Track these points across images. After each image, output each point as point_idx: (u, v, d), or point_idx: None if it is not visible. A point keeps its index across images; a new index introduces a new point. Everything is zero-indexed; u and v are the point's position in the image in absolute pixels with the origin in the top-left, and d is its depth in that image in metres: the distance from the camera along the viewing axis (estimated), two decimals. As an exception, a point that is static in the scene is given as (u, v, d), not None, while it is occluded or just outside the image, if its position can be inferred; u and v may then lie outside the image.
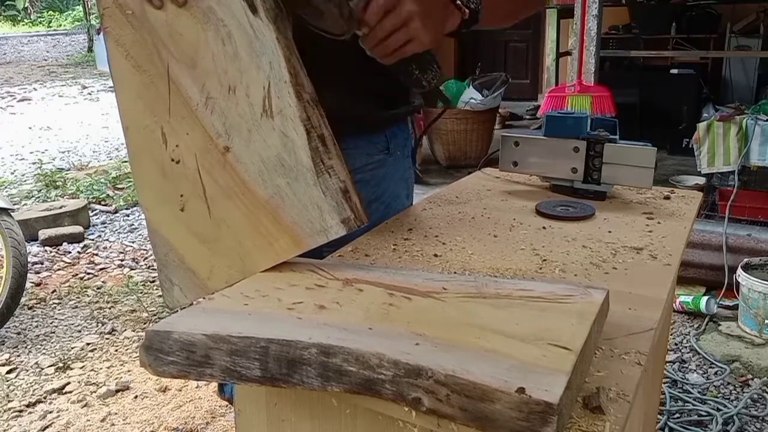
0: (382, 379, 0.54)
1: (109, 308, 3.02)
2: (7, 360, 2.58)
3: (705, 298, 2.70)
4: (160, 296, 3.11)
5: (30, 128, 7.43)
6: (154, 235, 0.88)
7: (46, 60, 14.10)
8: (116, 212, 4.44)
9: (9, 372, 2.49)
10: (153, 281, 3.30)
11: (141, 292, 3.16)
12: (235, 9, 0.79)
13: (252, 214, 0.80)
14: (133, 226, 4.16)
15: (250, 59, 0.80)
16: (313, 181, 0.79)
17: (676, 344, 2.54)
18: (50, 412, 2.24)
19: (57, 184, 5.00)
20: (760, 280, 2.47)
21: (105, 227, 4.18)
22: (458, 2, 0.92)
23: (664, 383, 2.21)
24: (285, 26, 0.81)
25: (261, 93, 0.80)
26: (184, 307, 0.72)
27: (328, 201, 0.79)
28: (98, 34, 10.76)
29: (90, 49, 14.02)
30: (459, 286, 0.70)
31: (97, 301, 3.10)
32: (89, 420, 2.19)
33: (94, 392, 2.34)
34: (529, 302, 0.65)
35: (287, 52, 0.80)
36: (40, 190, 4.90)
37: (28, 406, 2.28)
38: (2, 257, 2.71)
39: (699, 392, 2.22)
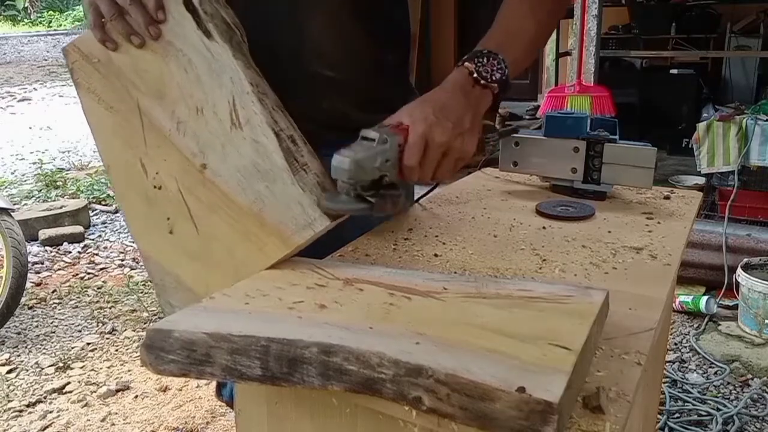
0: (382, 378, 0.54)
1: (110, 308, 3.02)
2: (7, 360, 2.58)
3: (705, 298, 2.70)
4: (160, 296, 3.11)
5: (30, 128, 7.43)
6: (148, 263, 0.92)
7: (46, 60, 14.09)
8: (116, 212, 4.43)
9: (9, 372, 2.49)
10: (153, 281, 3.30)
11: (141, 292, 3.16)
12: (192, 39, 0.85)
13: (238, 222, 0.82)
14: (133, 226, 4.16)
15: (211, 80, 0.84)
16: (291, 179, 0.80)
17: (676, 344, 2.54)
18: (50, 412, 2.24)
19: (57, 184, 5.00)
20: (760, 280, 2.47)
21: (105, 227, 4.18)
22: (482, 82, 0.87)
23: (664, 383, 2.21)
24: (240, 44, 0.86)
25: (227, 108, 0.83)
26: None
27: (308, 196, 0.80)
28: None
29: (90, 49, 13.95)
30: (459, 286, 0.70)
31: (97, 301, 3.10)
32: (89, 420, 2.19)
33: (95, 392, 2.34)
34: (529, 302, 0.65)
35: (245, 66, 0.84)
36: (41, 190, 4.90)
37: (28, 406, 2.28)
38: (2, 257, 2.71)
39: (699, 392, 2.22)
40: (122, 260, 3.62)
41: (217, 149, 0.83)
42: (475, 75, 0.87)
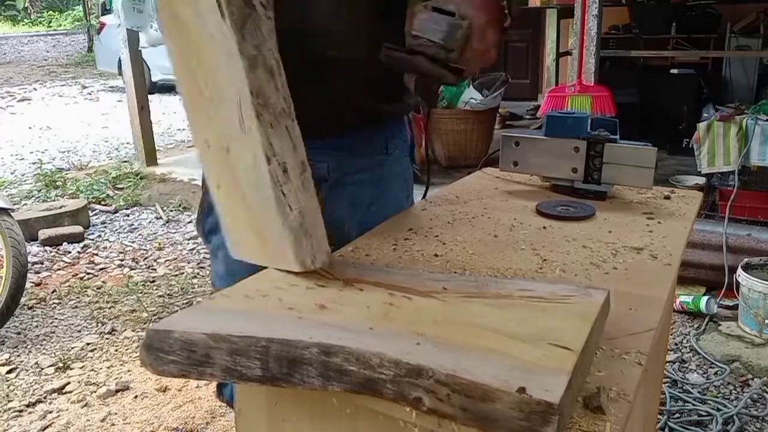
0: (382, 379, 0.54)
1: (109, 308, 3.02)
2: (7, 360, 2.57)
3: (705, 298, 2.70)
4: (160, 296, 3.12)
5: (30, 128, 7.44)
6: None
7: (46, 60, 14.11)
8: (116, 212, 4.43)
9: (9, 372, 2.49)
10: (153, 281, 3.30)
11: (141, 292, 3.16)
12: (213, 18, 0.68)
13: (251, 219, 0.77)
14: (133, 226, 4.16)
15: (227, 69, 0.71)
16: (276, 211, 0.73)
17: (676, 344, 2.54)
18: (50, 412, 2.24)
19: (57, 184, 5.00)
20: (760, 280, 2.47)
21: (105, 227, 4.18)
22: (506, 10, 0.89)
23: (664, 383, 2.21)
24: (255, 29, 0.69)
25: (236, 108, 0.72)
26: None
27: (287, 235, 0.73)
28: (98, 33, 10.70)
29: (90, 49, 14.03)
30: (459, 286, 0.70)
31: (97, 301, 3.10)
32: (89, 420, 2.19)
33: (94, 392, 2.34)
34: (529, 302, 0.65)
35: (249, 66, 0.69)
36: (40, 190, 4.90)
37: (28, 406, 2.28)
38: (2, 257, 2.71)
39: (699, 392, 2.22)
40: (122, 260, 3.62)
41: (233, 143, 0.75)
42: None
